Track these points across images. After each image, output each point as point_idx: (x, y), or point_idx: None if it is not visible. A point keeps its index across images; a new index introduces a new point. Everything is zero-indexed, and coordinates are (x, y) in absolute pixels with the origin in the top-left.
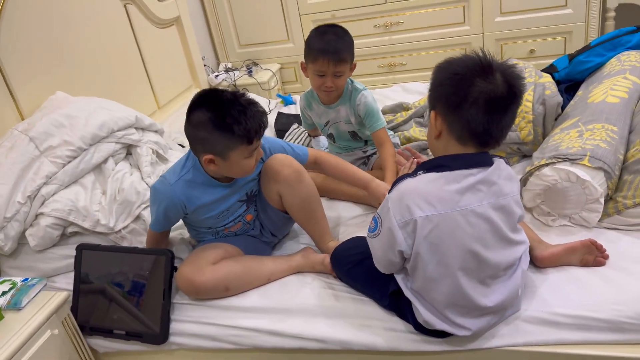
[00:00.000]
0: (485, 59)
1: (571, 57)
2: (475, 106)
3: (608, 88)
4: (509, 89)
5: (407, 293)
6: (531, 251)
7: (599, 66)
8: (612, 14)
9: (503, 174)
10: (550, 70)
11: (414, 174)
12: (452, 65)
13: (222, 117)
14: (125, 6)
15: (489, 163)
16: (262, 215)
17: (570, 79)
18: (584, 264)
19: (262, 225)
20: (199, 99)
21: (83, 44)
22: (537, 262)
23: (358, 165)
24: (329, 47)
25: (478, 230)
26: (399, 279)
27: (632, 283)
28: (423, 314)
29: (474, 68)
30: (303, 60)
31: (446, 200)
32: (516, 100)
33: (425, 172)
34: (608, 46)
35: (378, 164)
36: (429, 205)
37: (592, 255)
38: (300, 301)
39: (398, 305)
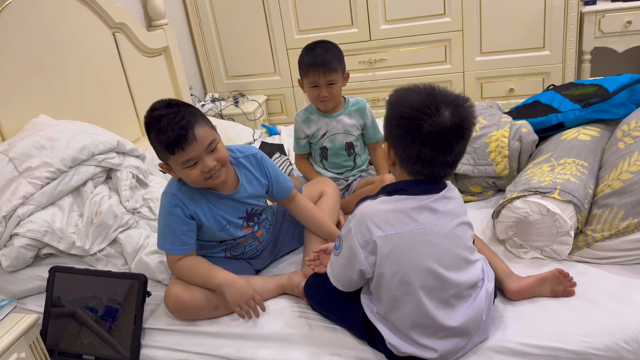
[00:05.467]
0: (432, 98)
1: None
2: (423, 146)
3: (581, 127)
4: (456, 128)
5: (372, 317)
6: (502, 284)
7: None
8: (587, 56)
9: (453, 194)
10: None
11: (375, 196)
12: (401, 104)
13: (147, 129)
14: (114, 34)
15: (443, 188)
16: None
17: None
18: (555, 294)
19: (276, 239)
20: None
21: (69, 68)
22: (510, 295)
23: (341, 194)
24: (318, 59)
25: (436, 249)
26: (364, 304)
27: (601, 315)
28: (389, 337)
29: (420, 109)
30: (299, 77)
31: (404, 220)
32: (463, 139)
33: (385, 195)
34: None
35: (362, 184)
36: (387, 225)
37: (561, 286)
38: (272, 329)
39: (370, 334)
